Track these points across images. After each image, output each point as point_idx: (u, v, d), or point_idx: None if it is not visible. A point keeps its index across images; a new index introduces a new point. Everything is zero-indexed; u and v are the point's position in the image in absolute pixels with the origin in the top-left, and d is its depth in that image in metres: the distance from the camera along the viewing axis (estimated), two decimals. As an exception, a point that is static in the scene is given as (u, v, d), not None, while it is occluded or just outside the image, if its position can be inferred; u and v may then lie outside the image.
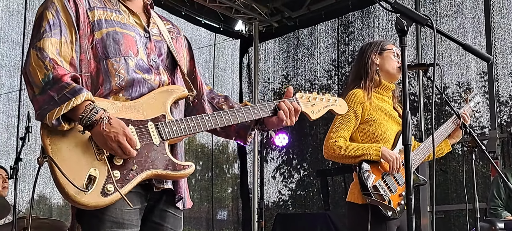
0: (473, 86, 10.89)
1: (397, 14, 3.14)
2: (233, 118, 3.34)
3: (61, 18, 3.11)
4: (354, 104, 4.94)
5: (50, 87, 2.92)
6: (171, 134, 3.15)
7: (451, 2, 10.96)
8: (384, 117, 4.99)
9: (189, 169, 3.15)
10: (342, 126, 4.94)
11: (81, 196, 2.88)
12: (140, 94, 3.18)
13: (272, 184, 13.29)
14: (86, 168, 2.93)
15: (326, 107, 3.70)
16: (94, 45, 3.15)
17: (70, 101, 2.89)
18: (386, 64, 5.06)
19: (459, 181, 10.68)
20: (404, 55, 3.12)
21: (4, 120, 9.49)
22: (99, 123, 2.92)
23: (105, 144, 2.95)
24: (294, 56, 13.09)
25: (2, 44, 9.53)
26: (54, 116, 2.87)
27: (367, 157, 4.81)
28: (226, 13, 12.58)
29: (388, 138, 4.95)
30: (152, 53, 3.31)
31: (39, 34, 3.04)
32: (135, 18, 3.34)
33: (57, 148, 2.93)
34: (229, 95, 11.36)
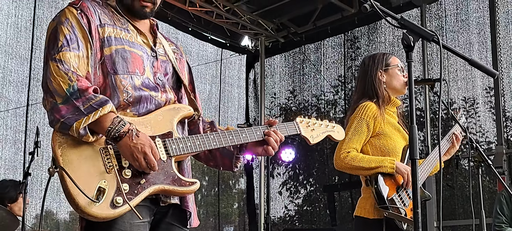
0: (479, 101, 10.90)
1: (404, 30, 3.15)
2: (237, 138, 3.39)
3: (77, 33, 3.16)
4: (367, 117, 4.88)
5: (76, 98, 2.96)
6: (178, 151, 3.20)
7: (457, 17, 10.99)
8: (394, 131, 4.97)
9: (194, 186, 3.20)
10: (354, 137, 4.87)
11: (91, 207, 2.91)
12: (148, 110, 3.24)
13: (278, 199, 13.28)
14: (96, 180, 2.96)
15: (325, 133, 3.77)
16: (103, 61, 3.20)
17: (97, 111, 2.95)
18: (393, 81, 5.03)
19: (465, 196, 10.66)
20: (411, 71, 3.14)
21: (11, 135, 9.52)
22: (128, 135, 2.99)
23: (131, 155, 3.00)
24: (300, 71, 13.11)
25: (10, 60, 9.56)
26: (82, 125, 2.92)
27: (382, 169, 4.77)
28: (233, 29, 12.61)
29: (398, 153, 4.93)
30: (158, 72, 3.37)
31: (57, 47, 3.08)
32: (142, 38, 3.40)
33: (68, 159, 2.96)
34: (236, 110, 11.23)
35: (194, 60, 12.30)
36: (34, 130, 7.73)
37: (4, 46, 9.52)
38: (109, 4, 3.42)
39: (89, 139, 2.98)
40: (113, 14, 3.38)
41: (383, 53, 5.17)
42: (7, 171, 9.30)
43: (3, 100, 9.47)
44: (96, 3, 3.36)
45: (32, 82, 9.57)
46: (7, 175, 8.98)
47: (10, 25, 9.63)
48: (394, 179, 4.81)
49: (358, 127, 4.85)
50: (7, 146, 9.44)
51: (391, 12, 3.26)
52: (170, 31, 11.53)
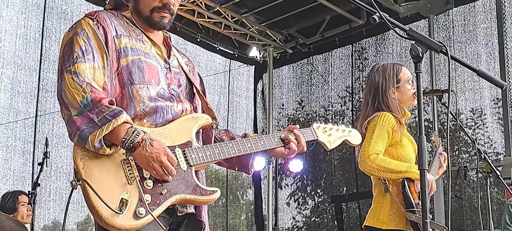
0: (487, 112, 10.88)
1: (412, 41, 3.16)
2: (256, 145, 3.42)
3: (92, 44, 3.17)
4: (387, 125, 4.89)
5: (89, 109, 2.98)
6: (198, 160, 3.21)
7: (464, 28, 10.98)
8: (407, 142, 4.98)
9: (215, 195, 3.21)
10: (379, 141, 4.88)
11: (114, 219, 2.92)
12: (165, 120, 3.25)
13: (286, 210, 13.27)
14: (118, 192, 2.98)
15: (342, 137, 3.78)
16: (120, 71, 3.22)
17: (110, 122, 2.97)
18: (404, 96, 5.04)
19: (474, 207, 10.63)
20: (420, 81, 3.14)
21: (20, 145, 9.54)
22: (142, 144, 3.00)
23: (147, 164, 3.02)
24: (308, 82, 13.11)
25: (19, 71, 9.59)
26: (96, 138, 2.94)
27: (410, 174, 4.77)
28: (241, 40, 12.63)
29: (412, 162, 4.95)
30: (172, 84, 3.38)
31: (72, 59, 3.10)
32: (156, 49, 3.41)
33: (90, 171, 2.98)
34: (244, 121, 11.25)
35: (203, 71, 12.31)
36: (43, 140, 7.79)
37: (13, 57, 9.55)
38: (124, 15, 3.44)
39: (106, 152, 3.00)
40: (128, 25, 3.39)
41: (392, 65, 5.13)
42: (16, 182, 9.32)
43: (12, 111, 9.49)
44: (112, 15, 3.38)
45: (41, 93, 9.60)
46: (16, 186, 9.00)
47: (19, 36, 9.65)
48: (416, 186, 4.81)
49: (381, 132, 4.86)
50: (16, 157, 9.45)
51: (399, 23, 3.26)
52: (178, 42, 11.55)
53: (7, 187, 8.87)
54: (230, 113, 12.91)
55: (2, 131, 9.38)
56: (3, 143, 9.41)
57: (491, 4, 10.63)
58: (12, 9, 9.66)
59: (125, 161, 3.06)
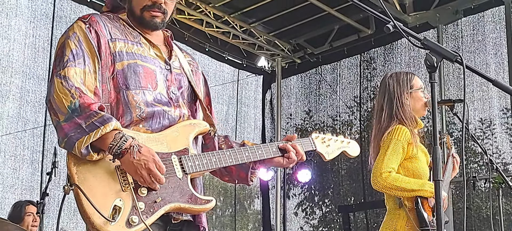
0: (495, 122, 10.84)
1: (427, 50, 3.13)
2: (253, 154, 3.38)
3: (83, 48, 3.13)
4: (403, 139, 4.85)
5: (77, 115, 2.94)
6: (194, 168, 3.17)
7: (473, 38, 10.96)
8: (421, 154, 4.96)
9: (210, 204, 3.17)
10: (393, 158, 4.85)
11: (107, 226, 2.88)
12: (161, 125, 3.20)
13: (294, 220, 13.24)
14: (112, 198, 2.94)
15: (340, 149, 3.77)
16: (115, 75, 3.17)
17: (99, 129, 2.91)
18: (416, 104, 5.02)
19: (482, 218, 10.60)
20: (434, 91, 3.12)
21: (29, 155, 9.53)
22: (129, 151, 2.95)
23: (135, 171, 2.97)
24: (316, 92, 13.09)
25: (27, 80, 9.59)
26: (83, 144, 2.89)
27: (423, 193, 4.75)
28: (249, 50, 12.63)
29: (423, 174, 4.92)
30: (172, 86, 3.33)
31: (62, 63, 3.06)
32: (155, 51, 3.36)
33: (84, 177, 2.94)
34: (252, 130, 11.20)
35: (211, 80, 12.31)
36: (51, 150, 7.79)
37: (22, 67, 9.56)
38: (121, 18, 3.40)
39: (93, 158, 2.95)
40: (124, 28, 3.34)
41: (405, 73, 5.13)
42: (24, 191, 9.31)
43: (21, 120, 9.49)
44: (107, 18, 3.34)
45: (50, 103, 9.59)
46: (24, 195, 8.99)
47: (27, 46, 9.67)
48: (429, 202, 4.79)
49: (395, 147, 4.83)
50: (24, 166, 9.45)
51: (413, 32, 3.24)
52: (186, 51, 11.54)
53: (16, 197, 8.88)
54: (238, 123, 12.89)
55: (10, 140, 9.39)
56: (12, 152, 9.42)
57: (500, 14, 10.61)
58: (20, 18, 9.67)
59: (119, 167, 3.02)
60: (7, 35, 9.47)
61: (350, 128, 12.89)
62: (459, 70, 10.82)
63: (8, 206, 7.82)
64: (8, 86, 9.39)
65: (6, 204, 8.55)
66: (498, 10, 10.63)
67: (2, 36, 9.42)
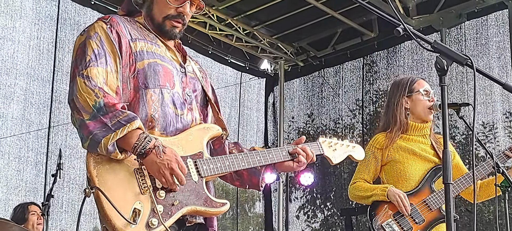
0: (498, 126, 10.84)
1: (437, 53, 3.14)
2: (264, 158, 3.43)
3: (105, 48, 3.16)
4: (373, 148, 5.07)
5: (103, 114, 2.97)
6: (209, 171, 3.22)
7: (476, 42, 10.95)
8: (408, 156, 4.99)
9: (225, 207, 3.22)
10: (361, 168, 5.09)
11: (128, 229, 2.91)
12: (175, 129, 3.24)
13: (296, 223, 13.22)
14: (131, 201, 2.97)
15: (346, 153, 3.84)
16: (136, 75, 3.21)
17: (125, 127, 2.96)
18: (417, 107, 5.04)
19: (485, 222, 10.59)
20: (445, 95, 3.12)
21: (33, 157, 9.51)
22: (154, 151, 2.98)
23: (157, 171, 3.01)
24: (319, 95, 13.07)
25: (32, 82, 9.58)
26: (110, 141, 2.92)
27: (375, 197, 4.89)
28: (252, 52, 12.63)
29: (410, 177, 4.95)
30: (187, 88, 3.37)
31: (84, 63, 3.08)
32: (171, 54, 3.41)
33: (104, 179, 2.97)
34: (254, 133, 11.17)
35: (214, 83, 12.22)
36: (56, 152, 7.80)
37: (26, 68, 9.54)
38: (138, 21, 3.44)
39: (118, 156, 2.99)
40: (141, 30, 3.38)
41: (409, 78, 5.17)
42: (28, 193, 9.31)
43: (25, 122, 9.47)
44: (125, 19, 3.37)
45: (54, 104, 9.59)
46: (28, 197, 8.98)
47: (32, 47, 9.66)
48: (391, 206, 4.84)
49: (365, 157, 4.87)
50: (28, 168, 9.44)
51: (423, 35, 3.24)
52: (190, 54, 11.52)
53: (19, 198, 8.87)
54: (241, 126, 12.88)
55: (15, 141, 9.38)
56: (16, 154, 9.41)
57: (503, 18, 10.61)
58: (25, 20, 9.66)
59: (138, 170, 3.05)
60: (11, 37, 9.47)
61: (352, 131, 12.88)
62: (462, 74, 10.83)
63: (12, 207, 7.82)
64: (13, 88, 9.38)
65: (10, 205, 8.54)
66: (502, 13, 10.63)
67: (6, 38, 9.42)
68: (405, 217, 4.82)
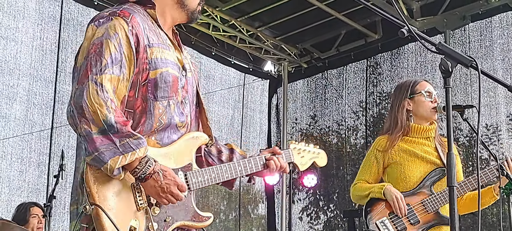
0: (502, 128, 10.81)
1: (441, 55, 3.12)
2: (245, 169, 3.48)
3: (123, 53, 3.03)
4: (375, 150, 5.08)
5: (113, 132, 2.89)
6: (197, 185, 3.25)
7: (480, 43, 10.94)
8: (408, 158, 4.98)
9: (209, 221, 3.26)
10: (363, 170, 5.10)
11: None
12: (170, 140, 3.21)
13: (298, 224, 13.21)
14: (128, 219, 2.96)
15: (312, 159, 3.88)
16: (146, 83, 3.11)
17: (134, 152, 2.90)
18: (419, 108, 5.03)
19: (489, 224, 10.56)
20: (449, 96, 3.10)
21: (35, 157, 9.51)
22: (153, 177, 2.96)
23: (157, 194, 3.01)
24: (322, 96, 13.06)
25: (35, 82, 9.57)
26: (117, 165, 2.87)
27: (372, 195, 4.92)
28: (256, 54, 12.62)
29: (409, 179, 4.95)
30: (186, 95, 3.33)
31: (100, 66, 2.96)
32: (177, 54, 3.33)
33: (104, 196, 2.92)
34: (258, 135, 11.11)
35: (217, 85, 12.32)
36: (58, 152, 7.79)
37: (29, 69, 9.54)
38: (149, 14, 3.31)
39: (121, 177, 2.95)
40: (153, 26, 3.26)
41: (411, 80, 5.17)
42: (30, 194, 9.30)
43: (28, 122, 9.47)
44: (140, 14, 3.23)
45: (57, 105, 9.59)
46: (31, 198, 8.97)
47: (35, 48, 9.65)
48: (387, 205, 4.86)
49: (366, 159, 5.11)
50: (31, 169, 9.44)
51: (428, 37, 3.23)
52: (194, 55, 11.56)
53: (22, 199, 8.84)
54: (244, 127, 12.87)
55: (17, 142, 9.37)
56: (18, 155, 9.40)
57: (507, 20, 10.60)
58: (28, 21, 9.66)
59: (135, 186, 3.02)
60: (14, 37, 9.48)
61: (355, 133, 12.87)
62: (466, 75, 10.81)
63: (14, 208, 7.81)
64: (15, 89, 9.38)
65: (13, 206, 8.51)
66: (506, 15, 10.62)
67: (9, 39, 9.42)
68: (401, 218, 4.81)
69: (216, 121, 12.31)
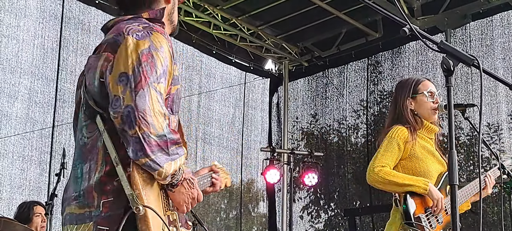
0: (503, 127, 10.82)
1: (443, 54, 3.12)
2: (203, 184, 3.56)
3: (167, 68, 3.05)
4: (398, 137, 4.90)
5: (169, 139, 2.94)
6: None
7: (481, 42, 10.94)
8: (427, 155, 4.96)
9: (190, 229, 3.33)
10: (387, 154, 4.91)
11: None
12: None
13: (299, 223, 13.22)
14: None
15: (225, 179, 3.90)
16: (168, 97, 3.13)
17: (180, 158, 3.00)
18: (421, 108, 5.01)
19: (489, 223, 10.57)
20: (451, 95, 3.11)
21: (37, 156, 9.52)
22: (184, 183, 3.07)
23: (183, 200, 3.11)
24: (323, 95, 13.06)
25: (36, 81, 9.59)
26: (171, 170, 2.95)
27: (415, 188, 4.76)
28: (257, 52, 12.64)
29: (431, 176, 4.92)
30: None
31: (156, 75, 2.96)
32: None
33: (148, 200, 2.94)
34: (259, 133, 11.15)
35: (218, 83, 12.33)
36: (60, 151, 7.78)
37: (30, 67, 9.55)
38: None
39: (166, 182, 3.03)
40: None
41: (413, 79, 5.15)
42: (31, 192, 9.31)
43: (29, 121, 9.48)
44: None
45: (58, 104, 9.60)
46: (32, 196, 8.99)
47: (36, 46, 9.67)
48: (425, 199, 4.80)
49: (389, 145, 4.90)
50: (32, 167, 9.44)
51: (430, 36, 3.23)
52: (194, 54, 11.59)
53: (23, 197, 8.86)
54: (245, 126, 12.88)
55: (18, 140, 9.38)
56: (20, 153, 9.41)
57: (508, 18, 10.61)
58: (29, 19, 9.67)
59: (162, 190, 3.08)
60: (16, 35, 9.49)
61: (356, 132, 12.88)
62: (466, 74, 10.81)
63: (15, 206, 7.80)
64: (17, 87, 9.39)
65: (14, 204, 8.53)
66: (507, 14, 10.63)
67: (11, 37, 9.43)
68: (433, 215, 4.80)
69: (217, 120, 12.33)
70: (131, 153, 2.89)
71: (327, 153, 12.82)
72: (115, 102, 2.90)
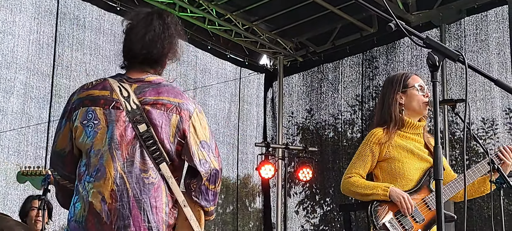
0: (498, 122, 10.83)
1: (429, 49, 3.14)
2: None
3: None
4: (370, 142, 4.91)
5: None
6: None
7: (476, 37, 10.95)
8: (406, 155, 4.91)
9: None
10: (357, 162, 4.92)
11: None
12: None
13: (295, 218, 13.23)
14: None
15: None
16: None
17: None
18: (411, 102, 4.97)
19: (484, 218, 10.58)
20: (436, 90, 3.12)
21: (32, 151, 9.53)
22: None
23: None
24: (318, 90, 13.07)
25: (32, 76, 9.61)
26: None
27: (375, 196, 4.75)
28: (251, 48, 12.65)
29: (408, 176, 4.88)
30: None
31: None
32: None
33: None
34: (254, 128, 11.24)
35: (213, 78, 12.34)
36: (55, 146, 7.76)
37: (26, 63, 9.57)
38: None
39: None
40: None
41: (402, 73, 5.11)
42: (26, 187, 9.26)
43: (25, 116, 9.50)
44: None
45: (54, 99, 9.61)
46: (27, 191, 8.92)
47: (32, 42, 9.68)
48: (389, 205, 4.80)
49: (361, 151, 4.92)
50: (27, 162, 9.38)
51: (416, 31, 3.25)
52: (189, 50, 11.59)
53: (18, 192, 8.87)
54: (241, 121, 12.90)
55: (14, 136, 9.39)
56: (15, 148, 9.42)
57: (503, 14, 10.61)
58: (25, 15, 9.69)
59: None
60: (11, 31, 9.51)
61: (351, 127, 12.89)
62: (462, 69, 10.80)
63: (11, 201, 7.85)
64: (13, 82, 9.41)
65: (9, 199, 8.57)
66: (502, 9, 10.63)
67: (6, 32, 9.45)
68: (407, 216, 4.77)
69: (212, 115, 12.34)
70: (204, 201, 3.52)
71: (323, 148, 12.83)
72: (204, 165, 3.50)
